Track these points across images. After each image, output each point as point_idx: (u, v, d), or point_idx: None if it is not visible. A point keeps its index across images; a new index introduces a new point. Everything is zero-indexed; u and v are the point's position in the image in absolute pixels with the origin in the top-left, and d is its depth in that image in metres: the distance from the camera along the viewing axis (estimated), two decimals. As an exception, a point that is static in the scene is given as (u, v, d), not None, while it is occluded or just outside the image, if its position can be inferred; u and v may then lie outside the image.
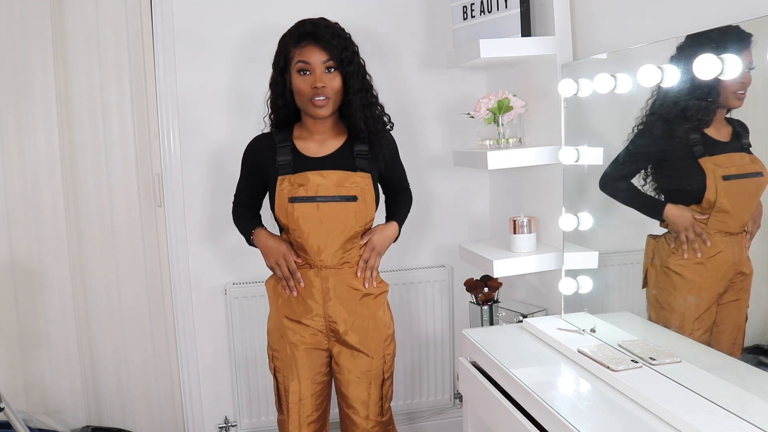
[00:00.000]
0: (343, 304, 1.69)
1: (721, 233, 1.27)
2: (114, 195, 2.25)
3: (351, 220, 1.64)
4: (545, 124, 1.93)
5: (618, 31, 1.63)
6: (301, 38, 1.59)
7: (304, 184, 1.63)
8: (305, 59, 1.59)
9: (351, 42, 1.64)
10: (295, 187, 1.63)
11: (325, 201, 1.62)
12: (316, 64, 1.58)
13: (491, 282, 2.12)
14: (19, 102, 2.15)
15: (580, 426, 1.13)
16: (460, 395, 2.41)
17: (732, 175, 1.25)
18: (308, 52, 1.59)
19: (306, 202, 1.62)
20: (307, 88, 1.59)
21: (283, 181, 1.64)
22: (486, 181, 2.50)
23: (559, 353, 1.51)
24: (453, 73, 2.39)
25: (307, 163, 1.66)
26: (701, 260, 1.32)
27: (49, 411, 2.28)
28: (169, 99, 2.22)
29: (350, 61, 1.62)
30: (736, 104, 1.20)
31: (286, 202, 1.63)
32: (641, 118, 1.42)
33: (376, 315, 1.73)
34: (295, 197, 1.62)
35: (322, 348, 1.72)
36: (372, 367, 1.73)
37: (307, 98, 1.60)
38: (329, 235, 1.64)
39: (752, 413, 1.06)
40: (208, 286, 2.34)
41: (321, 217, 1.63)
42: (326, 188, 1.63)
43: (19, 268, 2.22)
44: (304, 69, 1.59)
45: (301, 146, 1.69)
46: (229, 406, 2.41)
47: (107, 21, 2.17)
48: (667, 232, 1.41)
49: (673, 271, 1.40)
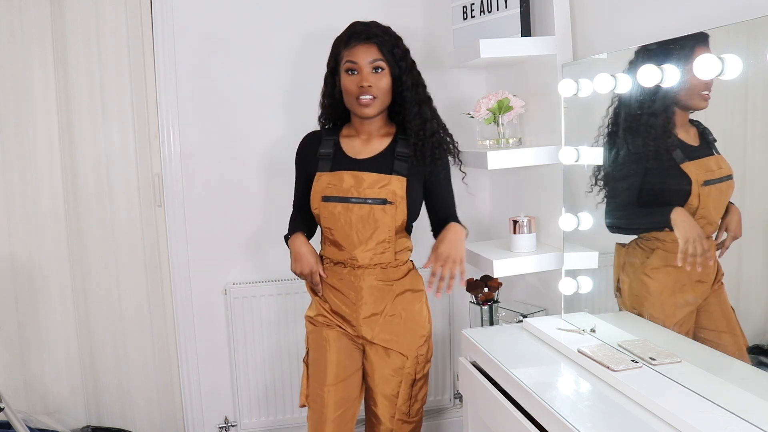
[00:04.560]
0: (375, 303, 1.69)
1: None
2: (114, 195, 2.25)
3: (382, 223, 1.64)
4: (545, 124, 1.93)
5: (618, 31, 1.63)
6: (351, 39, 1.63)
7: (339, 183, 1.64)
8: (352, 59, 1.61)
9: (402, 42, 1.67)
10: (330, 185, 1.65)
11: (356, 202, 1.63)
12: (363, 64, 1.61)
13: (491, 282, 2.12)
14: (19, 102, 2.15)
15: (580, 426, 1.12)
16: (460, 395, 2.41)
17: (710, 180, 1.24)
18: (356, 52, 1.61)
19: (338, 201, 1.63)
20: (354, 87, 1.61)
21: (320, 177, 1.67)
22: (486, 181, 2.50)
23: (559, 353, 1.51)
24: (453, 73, 2.39)
25: (346, 163, 1.68)
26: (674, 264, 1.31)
27: (49, 411, 2.27)
28: (169, 99, 2.22)
29: (402, 57, 1.64)
30: (702, 105, 1.20)
31: (320, 199, 1.65)
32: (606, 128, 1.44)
33: (412, 310, 1.73)
34: (329, 196, 1.64)
35: (355, 340, 1.73)
36: (405, 365, 1.71)
37: (353, 97, 1.62)
38: (360, 236, 1.64)
39: (752, 413, 1.06)
40: (208, 286, 2.34)
41: (352, 218, 1.63)
42: (359, 190, 1.63)
43: (19, 269, 2.22)
44: (352, 69, 1.62)
45: (345, 145, 1.71)
46: (229, 406, 2.41)
47: (107, 21, 2.17)
48: (637, 237, 1.42)
49: (648, 276, 1.40)
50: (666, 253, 1.34)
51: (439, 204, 1.76)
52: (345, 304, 1.70)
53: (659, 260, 1.38)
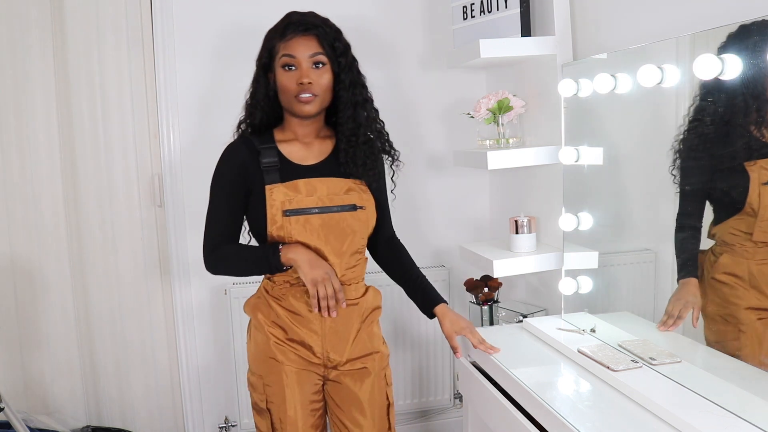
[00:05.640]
0: (343, 327, 1.50)
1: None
2: (114, 195, 2.25)
3: (356, 232, 1.47)
4: (545, 124, 1.93)
5: (618, 31, 1.63)
6: (288, 30, 1.43)
7: (298, 194, 1.44)
8: (290, 52, 1.41)
9: (342, 35, 1.48)
10: (288, 197, 1.43)
11: (325, 212, 1.44)
12: (303, 59, 1.41)
13: (491, 282, 2.12)
14: (19, 102, 2.15)
15: (580, 426, 1.13)
16: (460, 395, 2.41)
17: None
18: (294, 45, 1.42)
19: (304, 214, 1.43)
20: (292, 84, 1.41)
21: (273, 191, 1.43)
22: (486, 181, 2.50)
23: (559, 353, 1.51)
24: (453, 73, 2.39)
25: (296, 171, 1.46)
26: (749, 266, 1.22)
27: (49, 411, 2.27)
28: (169, 99, 2.22)
29: (342, 52, 1.45)
30: None
31: (281, 215, 1.42)
32: (687, 121, 1.29)
33: (372, 331, 1.56)
34: (291, 210, 1.42)
35: (317, 372, 1.52)
36: (375, 388, 1.54)
37: (292, 95, 1.42)
38: (333, 250, 1.45)
39: (752, 413, 1.06)
40: (208, 286, 2.34)
41: (322, 232, 1.43)
42: (324, 197, 1.45)
43: (19, 268, 2.22)
44: (290, 64, 1.42)
45: (286, 151, 1.48)
46: (229, 406, 2.41)
47: (107, 21, 2.17)
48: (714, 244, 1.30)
49: (720, 281, 1.29)
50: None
51: (377, 213, 1.55)
52: (306, 328, 1.48)
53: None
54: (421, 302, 1.59)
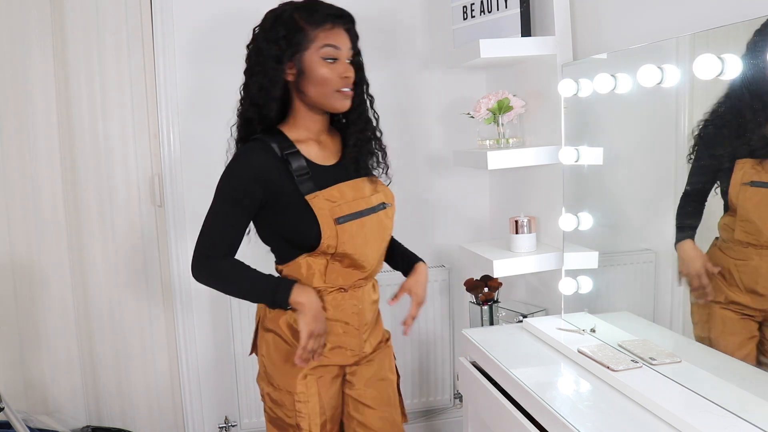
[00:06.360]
0: (372, 319, 1.51)
1: (751, 246, 1.17)
2: (114, 195, 2.25)
3: (388, 230, 1.46)
4: (545, 124, 1.93)
5: (618, 31, 1.63)
6: (327, 19, 1.33)
7: (341, 199, 1.36)
8: (335, 43, 1.33)
9: None
10: (334, 204, 1.34)
11: (365, 215, 1.38)
12: (345, 52, 1.35)
13: (491, 282, 2.12)
14: (19, 102, 2.15)
15: (580, 426, 1.13)
16: (460, 395, 2.41)
17: (759, 182, 1.13)
18: (337, 36, 1.34)
19: (352, 219, 1.35)
20: (335, 76, 1.34)
21: (315, 200, 1.33)
22: (486, 181, 2.50)
23: (559, 353, 1.51)
24: (453, 73, 2.39)
25: (326, 175, 1.38)
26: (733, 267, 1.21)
27: (49, 411, 2.27)
28: (169, 99, 2.22)
29: (359, 51, 1.43)
30: None
31: (332, 224, 1.33)
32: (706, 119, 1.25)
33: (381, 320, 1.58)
34: (342, 217, 1.34)
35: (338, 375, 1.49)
36: (393, 387, 1.56)
37: (332, 88, 1.35)
38: (374, 252, 1.42)
39: (752, 413, 1.06)
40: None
41: (368, 235, 1.38)
42: (360, 200, 1.38)
43: (19, 268, 2.22)
44: (333, 56, 1.34)
45: (307, 153, 1.39)
46: (229, 406, 2.41)
47: (107, 21, 2.17)
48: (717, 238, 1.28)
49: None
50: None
51: None
52: (347, 334, 1.45)
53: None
54: (400, 268, 1.60)
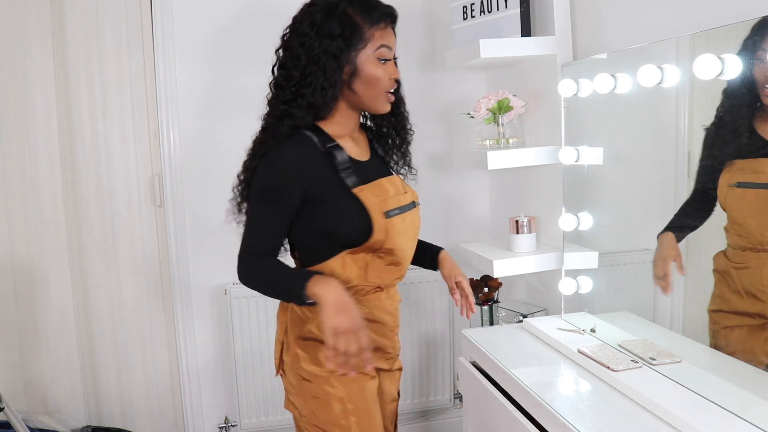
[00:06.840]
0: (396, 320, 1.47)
1: (746, 249, 1.15)
2: (114, 195, 2.25)
3: (419, 228, 1.44)
4: (545, 124, 1.93)
5: (618, 31, 1.63)
6: (382, 17, 1.28)
7: (386, 193, 1.33)
8: (389, 44, 1.29)
9: None
10: (380, 198, 1.31)
11: (404, 211, 1.36)
12: (393, 52, 1.32)
13: (491, 282, 2.12)
14: (19, 102, 2.15)
15: (580, 426, 1.12)
16: (460, 395, 2.41)
17: (747, 182, 1.11)
18: (389, 36, 1.30)
19: (398, 214, 1.33)
20: (386, 78, 1.30)
21: (362, 193, 1.29)
22: (486, 181, 2.50)
23: (559, 353, 1.51)
24: (453, 73, 2.39)
25: (366, 170, 1.35)
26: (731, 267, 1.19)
27: (49, 411, 2.27)
28: (169, 99, 2.22)
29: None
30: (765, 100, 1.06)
31: (383, 218, 1.29)
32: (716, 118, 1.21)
33: None
34: (389, 210, 1.30)
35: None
36: (396, 407, 1.53)
37: (382, 89, 1.31)
38: (411, 249, 1.41)
39: (752, 413, 1.06)
40: (208, 286, 2.34)
41: (406, 230, 1.36)
42: (401, 197, 1.37)
43: (19, 268, 2.22)
44: (387, 57, 1.29)
45: (346, 149, 1.35)
46: (229, 406, 2.41)
47: (107, 21, 2.17)
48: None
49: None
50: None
51: None
52: (383, 335, 1.41)
53: None
54: (422, 261, 1.57)
